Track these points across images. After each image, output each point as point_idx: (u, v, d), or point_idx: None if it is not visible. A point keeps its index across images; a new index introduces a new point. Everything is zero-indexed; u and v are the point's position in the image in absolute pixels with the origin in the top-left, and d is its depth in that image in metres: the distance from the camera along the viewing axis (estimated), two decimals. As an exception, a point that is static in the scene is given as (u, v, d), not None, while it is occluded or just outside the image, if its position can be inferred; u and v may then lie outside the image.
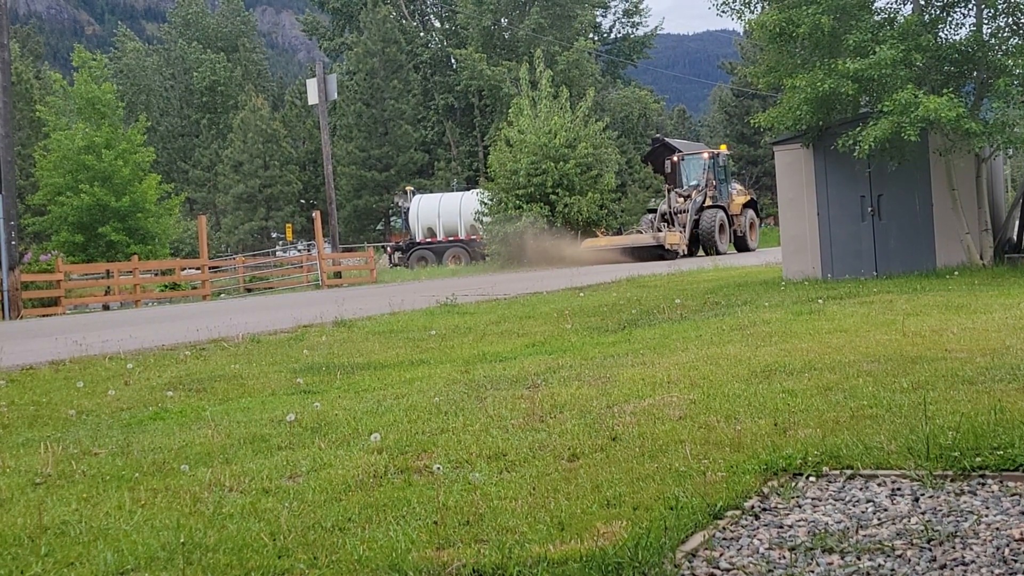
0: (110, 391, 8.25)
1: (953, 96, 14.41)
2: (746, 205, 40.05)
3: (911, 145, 14.61)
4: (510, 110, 40.95)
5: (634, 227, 38.98)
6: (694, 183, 38.70)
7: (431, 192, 51.85)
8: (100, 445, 6.00)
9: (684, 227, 36.43)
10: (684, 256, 34.55)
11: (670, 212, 37.50)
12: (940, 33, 15.90)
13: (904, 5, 16.17)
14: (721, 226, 37.18)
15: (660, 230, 36.33)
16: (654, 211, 38.88)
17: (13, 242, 24.63)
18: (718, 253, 35.57)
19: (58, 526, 4.19)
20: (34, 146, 43.12)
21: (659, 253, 34.14)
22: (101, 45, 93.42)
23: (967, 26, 15.96)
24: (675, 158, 40.67)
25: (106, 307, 29.83)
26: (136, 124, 38.43)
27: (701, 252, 36.43)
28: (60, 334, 14.18)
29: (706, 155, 39.37)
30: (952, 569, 3.18)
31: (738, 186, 41.75)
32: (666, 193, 38.92)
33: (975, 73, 15.84)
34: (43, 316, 24.82)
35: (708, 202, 37.65)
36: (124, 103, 39.52)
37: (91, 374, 9.57)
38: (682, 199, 37.80)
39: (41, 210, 38.64)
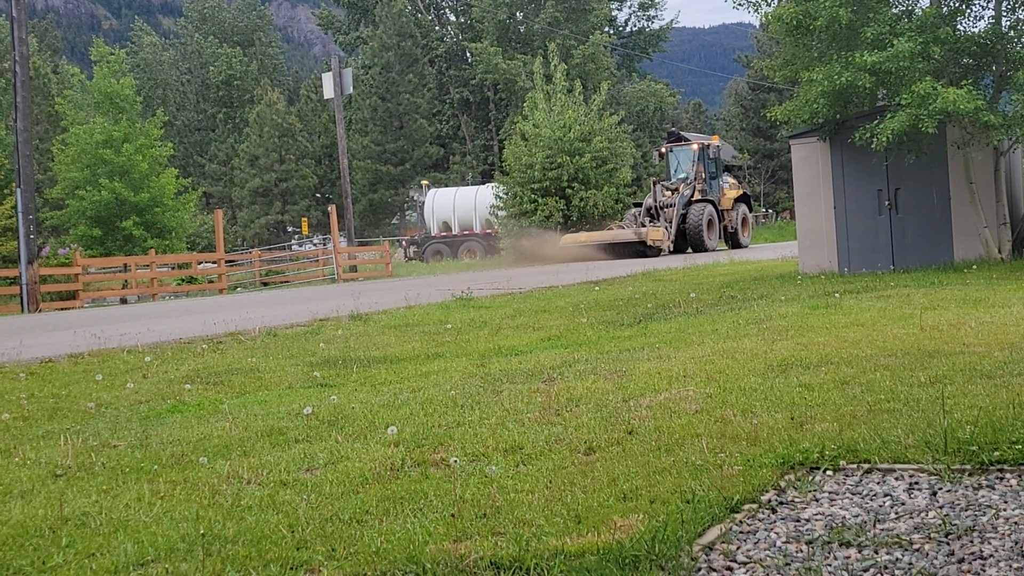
0: (129, 384, 8.30)
1: (972, 88, 14.33)
2: (738, 199, 37.74)
3: (929, 138, 14.54)
4: (525, 104, 40.92)
5: (616, 222, 36.57)
6: (682, 175, 36.55)
7: (446, 186, 51.89)
8: (119, 437, 6.04)
9: (670, 222, 34.29)
10: (669, 253, 32.66)
11: (656, 206, 35.15)
12: (959, 26, 15.81)
13: (922, -3, 16.09)
14: (710, 221, 34.99)
15: (644, 225, 34.04)
16: (640, 205, 36.34)
17: (31, 236, 24.77)
18: (705, 250, 33.34)
19: (79, 517, 4.22)
20: (52, 140, 43.29)
21: (641, 250, 32.13)
22: (118, 40, 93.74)
23: (986, 18, 15.88)
24: (663, 149, 38.64)
25: (123, 300, 29.98)
26: (153, 119, 38.56)
27: (689, 249, 34.35)
28: (78, 327, 14.25)
29: (695, 146, 37.19)
30: (970, 563, 3.18)
31: (731, 179, 39.47)
32: (652, 186, 36.63)
33: (994, 66, 15.75)
34: (61, 309, 24.96)
35: (697, 196, 35.42)
36: (141, 98, 39.63)
37: (110, 367, 9.63)
38: (669, 192, 35.55)
39: (59, 204, 38.80)
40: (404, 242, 48.03)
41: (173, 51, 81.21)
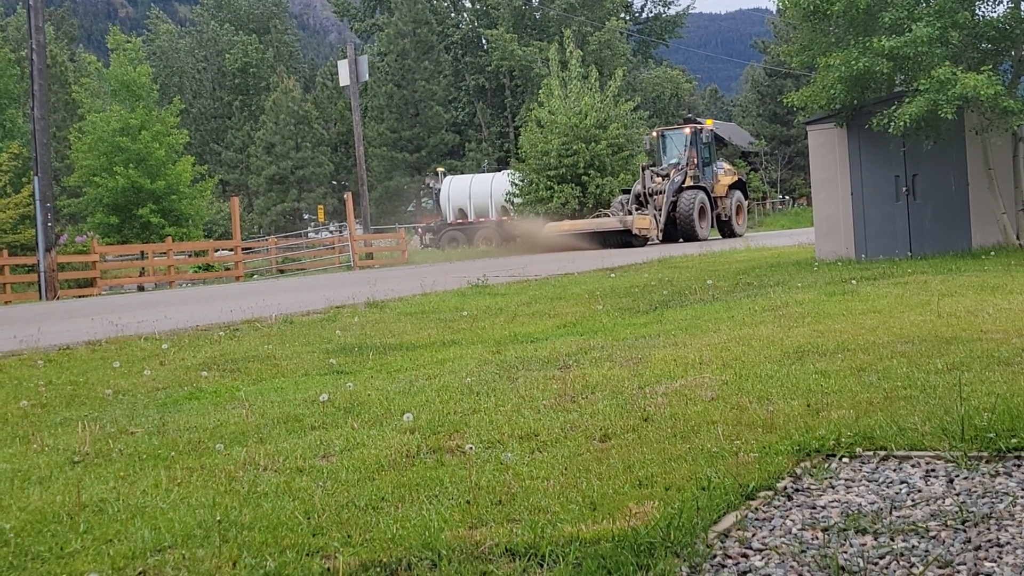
0: (146, 371, 8.34)
1: (991, 74, 14.23)
2: (733, 186, 36.09)
3: (947, 124, 14.45)
4: (541, 91, 40.85)
5: (602, 209, 34.87)
6: (673, 161, 34.77)
7: (462, 173, 51.87)
8: (136, 424, 6.07)
9: (659, 210, 32.53)
10: (658, 243, 31.05)
11: (644, 193, 33.24)
12: (977, 10, 15.69)
13: (941, -18, 15.95)
14: (701, 209, 33.19)
15: (632, 213, 32.12)
16: (628, 191, 34.36)
17: (49, 224, 24.89)
18: (697, 239, 31.69)
19: (96, 504, 4.25)
20: (69, 128, 43.46)
21: (627, 239, 30.74)
22: (134, 27, 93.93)
23: (1005, 3, 15.76)
24: (654, 133, 37.00)
25: (141, 288, 30.13)
26: (170, 106, 38.67)
27: (681, 240, 32.36)
28: (96, 315, 14.32)
29: (687, 130, 35.73)
30: (987, 550, 3.17)
31: (726, 165, 37.77)
32: (640, 172, 34.36)
33: (1013, 51, 15.63)
34: (79, 297, 25.10)
35: (688, 182, 33.71)
36: (157, 85, 39.74)
37: (127, 354, 9.67)
38: (660, 179, 33.69)
39: (76, 192, 38.98)
40: (420, 229, 48.03)
41: (189, 39, 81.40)
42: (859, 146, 16.27)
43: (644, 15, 73.61)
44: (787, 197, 66.49)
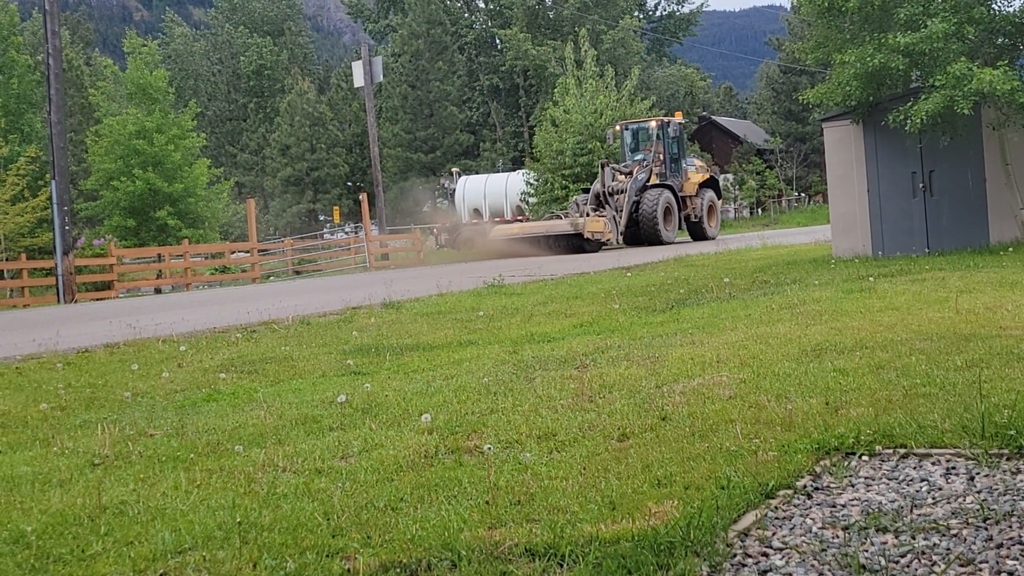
0: (164, 373, 8.37)
1: (1008, 69, 14.16)
2: (704, 184, 32.67)
3: (963, 119, 14.38)
4: (555, 90, 40.85)
5: (554, 211, 32.55)
6: (638, 157, 31.62)
7: (477, 173, 51.90)
8: (156, 426, 6.09)
9: (619, 211, 29.37)
10: (617, 247, 28.79)
11: (604, 192, 29.98)
12: (993, 5, 15.61)
13: (956, -23, 15.87)
14: (667, 209, 30.00)
15: (588, 214, 28.86)
16: (588, 191, 31.21)
17: (67, 227, 25.00)
18: (661, 243, 28.99)
19: (117, 506, 4.27)
20: (86, 132, 43.66)
21: (578, 244, 27.79)
22: (149, 31, 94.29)
23: (1021, -3, 15.67)
24: (617, 127, 33.85)
25: (158, 290, 30.24)
26: (186, 109, 38.82)
27: (645, 243, 29.64)
28: (114, 317, 14.38)
29: (654, 123, 32.44)
30: (1009, 548, 3.15)
31: (698, 162, 34.49)
32: (600, 169, 31.07)
33: (1029, 45, 15.54)
34: (97, 300, 25.19)
35: (654, 180, 30.62)
36: (173, 88, 39.91)
37: (145, 357, 9.71)
38: (623, 176, 30.52)
39: (94, 195, 39.15)
40: (435, 229, 48.03)
41: (204, 42, 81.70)
42: (875, 143, 16.20)
43: (658, 13, 73.51)
44: (803, 194, 66.28)
